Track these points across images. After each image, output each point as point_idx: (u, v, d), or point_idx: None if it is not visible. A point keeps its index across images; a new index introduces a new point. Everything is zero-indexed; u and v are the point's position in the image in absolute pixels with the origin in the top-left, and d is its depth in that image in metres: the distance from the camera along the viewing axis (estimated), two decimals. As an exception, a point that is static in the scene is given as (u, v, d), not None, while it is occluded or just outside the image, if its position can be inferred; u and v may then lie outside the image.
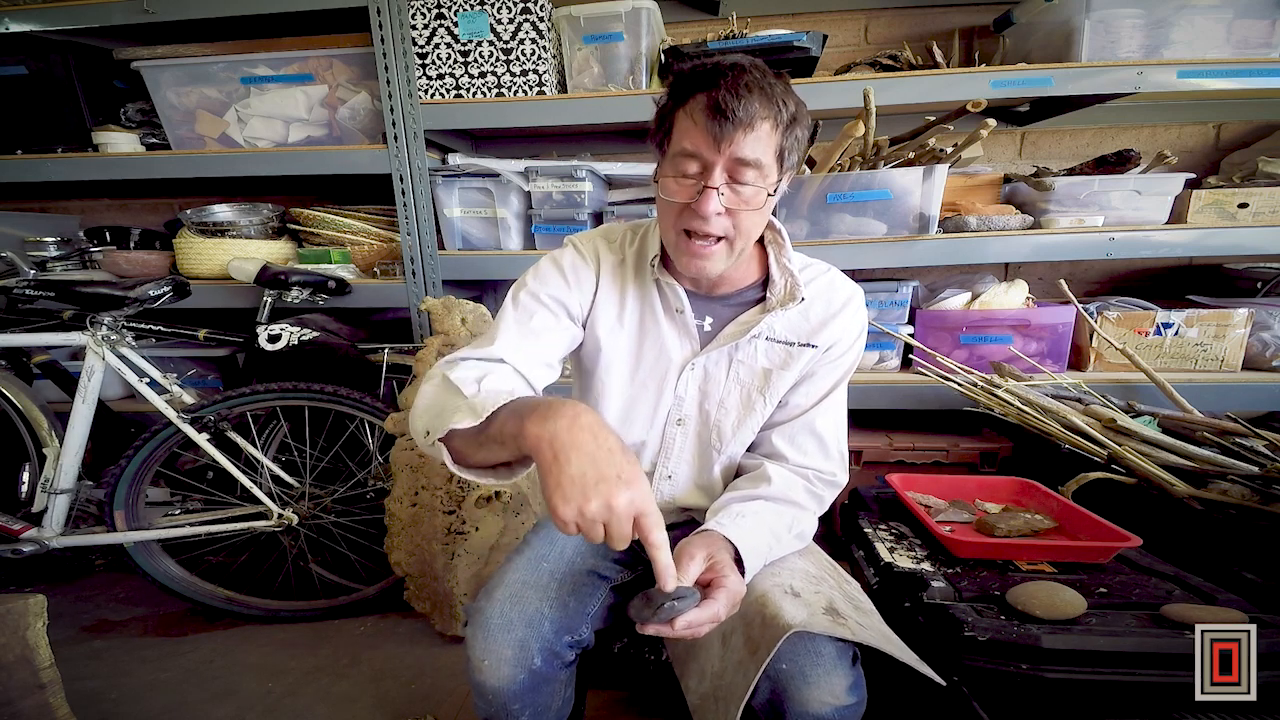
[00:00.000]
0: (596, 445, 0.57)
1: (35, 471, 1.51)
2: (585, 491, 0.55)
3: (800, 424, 0.89)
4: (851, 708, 0.69)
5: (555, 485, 0.55)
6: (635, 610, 0.64)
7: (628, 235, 0.93)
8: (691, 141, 0.72)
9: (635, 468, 0.58)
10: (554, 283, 0.87)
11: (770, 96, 0.71)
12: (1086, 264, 1.89)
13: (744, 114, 0.69)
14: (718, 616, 0.67)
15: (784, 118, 0.73)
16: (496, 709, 0.77)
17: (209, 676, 1.41)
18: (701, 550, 0.72)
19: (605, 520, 0.56)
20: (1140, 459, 1.12)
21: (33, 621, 1.01)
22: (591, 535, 0.56)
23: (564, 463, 0.55)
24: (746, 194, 0.74)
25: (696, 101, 0.72)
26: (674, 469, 0.93)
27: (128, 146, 1.72)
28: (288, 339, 1.53)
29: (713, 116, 0.70)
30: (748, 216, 0.76)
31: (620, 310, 0.90)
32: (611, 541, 0.57)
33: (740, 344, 0.87)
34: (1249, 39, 1.42)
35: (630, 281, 0.90)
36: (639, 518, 0.57)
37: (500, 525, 1.46)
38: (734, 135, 0.70)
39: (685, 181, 0.75)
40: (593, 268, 0.89)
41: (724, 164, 0.72)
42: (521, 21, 1.50)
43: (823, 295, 0.88)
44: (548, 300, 0.86)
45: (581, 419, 0.58)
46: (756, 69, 0.72)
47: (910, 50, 1.65)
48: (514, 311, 0.85)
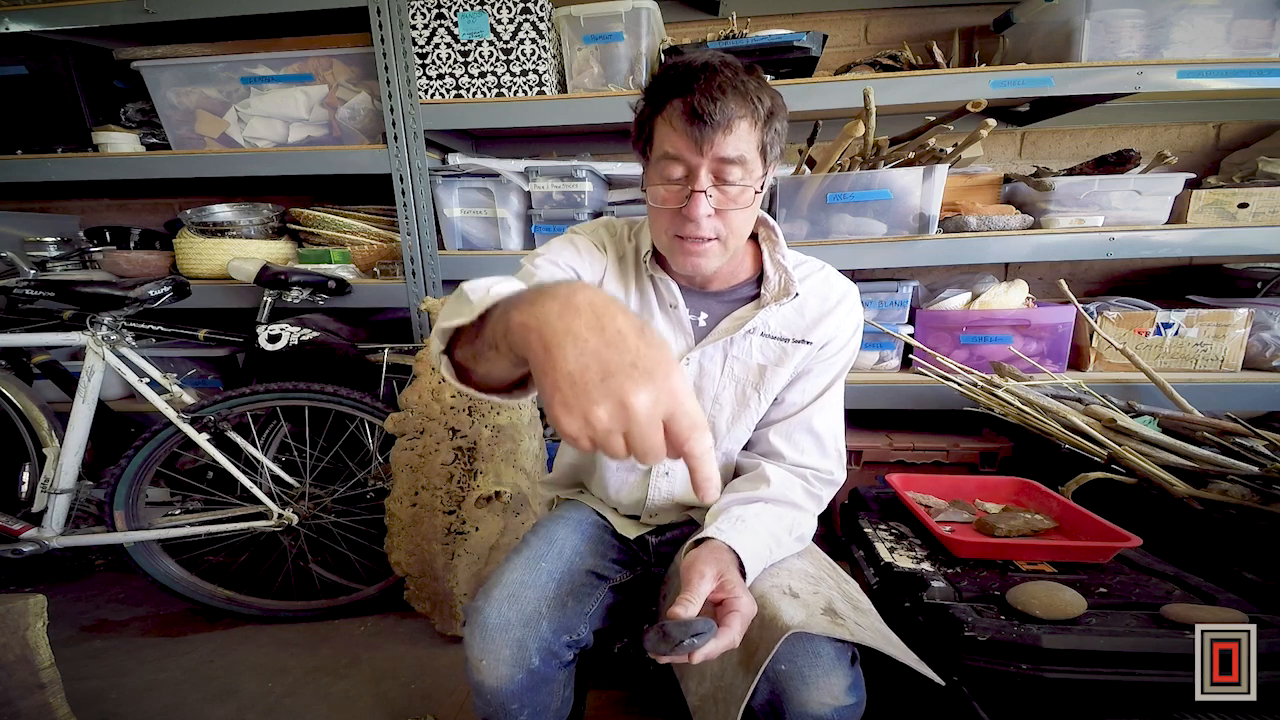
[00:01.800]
0: (601, 328, 0.42)
1: (35, 471, 1.51)
2: (589, 392, 0.41)
3: (797, 422, 0.89)
4: (851, 708, 0.69)
5: (553, 389, 0.42)
6: (652, 644, 0.62)
7: (626, 230, 0.94)
8: (674, 146, 0.73)
9: (658, 351, 0.43)
10: (569, 254, 0.87)
11: (745, 95, 0.71)
12: (1086, 264, 1.89)
13: (721, 116, 0.70)
14: (734, 643, 0.66)
15: (761, 113, 0.73)
16: (495, 708, 0.77)
17: (209, 676, 1.41)
18: (711, 568, 0.70)
19: (624, 428, 0.41)
20: (1140, 459, 1.12)
21: (33, 621, 1.01)
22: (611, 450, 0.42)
23: (558, 358, 0.42)
24: (733, 193, 0.75)
25: (673, 108, 0.72)
26: (671, 465, 0.93)
27: (128, 146, 1.72)
28: (288, 339, 1.53)
29: (691, 122, 0.70)
30: (737, 215, 0.77)
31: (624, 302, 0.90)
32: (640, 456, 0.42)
33: (735, 339, 0.87)
34: (1249, 39, 1.42)
35: (630, 276, 0.90)
36: (669, 421, 0.42)
37: (500, 525, 1.46)
38: (714, 138, 0.71)
39: (672, 187, 0.75)
40: (602, 256, 0.90)
41: (708, 165, 0.73)
42: (521, 21, 1.50)
43: (817, 292, 0.88)
44: (564, 266, 0.85)
45: (577, 296, 0.44)
46: (728, 68, 0.72)
47: (910, 50, 1.65)
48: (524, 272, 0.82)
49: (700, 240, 0.77)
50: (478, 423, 1.44)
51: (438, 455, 1.44)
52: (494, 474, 1.45)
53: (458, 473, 1.45)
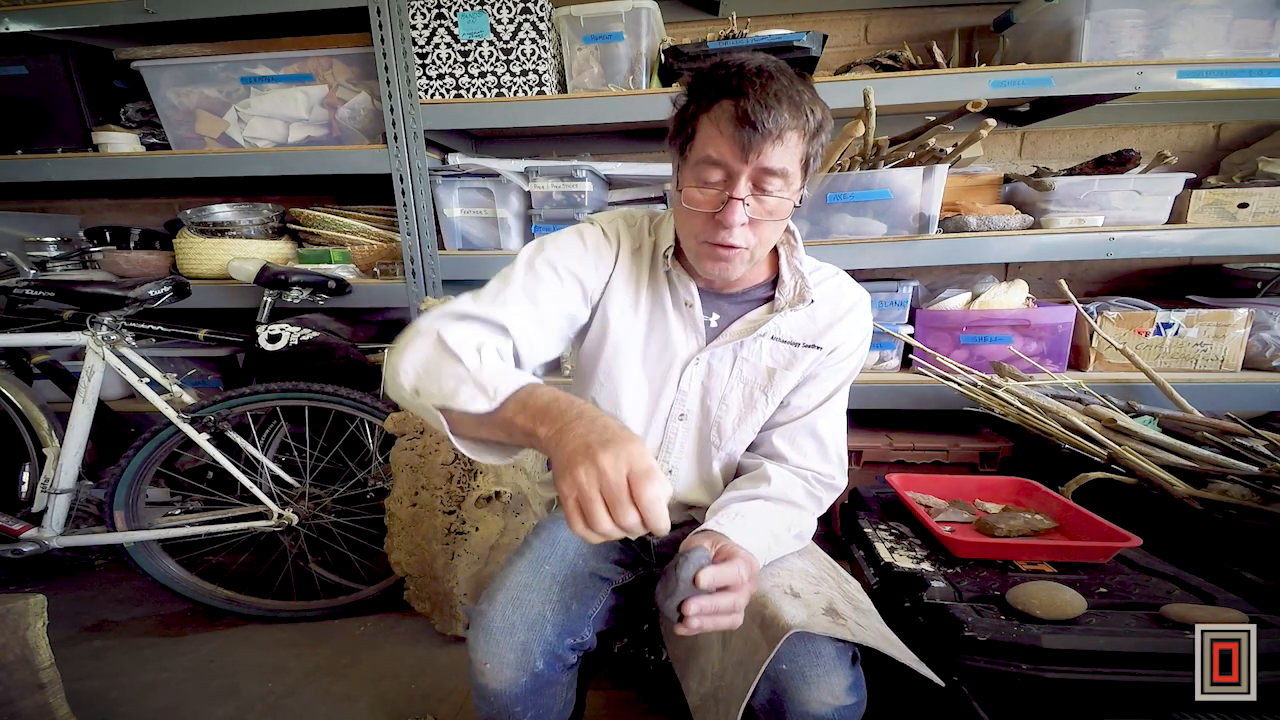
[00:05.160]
0: (592, 422, 0.58)
1: (35, 471, 1.51)
2: (575, 460, 0.54)
3: (801, 425, 0.89)
4: (851, 708, 0.69)
5: (557, 469, 0.56)
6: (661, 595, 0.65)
7: (646, 222, 0.92)
8: (717, 150, 0.71)
9: (628, 432, 0.57)
10: (574, 255, 0.84)
11: (799, 106, 0.70)
12: (1086, 264, 1.89)
13: (773, 125, 0.68)
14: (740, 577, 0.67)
15: (811, 126, 0.72)
16: (498, 711, 0.77)
17: (209, 676, 1.41)
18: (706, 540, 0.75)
19: (600, 484, 0.53)
20: (1140, 459, 1.12)
21: (33, 621, 1.01)
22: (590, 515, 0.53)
23: (563, 443, 0.57)
24: (771, 204, 0.74)
25: (722, 109, 0.70)
26: (675, 464, 0.93)
27: (128, 146, 1.72)
28: (288, 339, 1.53)
29: (741, 126, 0.68)
30: (770, 226, 0.76)
31: (636, 296, 0.89)
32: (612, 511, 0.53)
33: (745, 342, 0.87)
34: (1249, 39, 1.42)
35: (645, 269, 0.89)
36: (629, 475, 0.53)
37: (500, 525, 1.46)
38: (762, 146, 0.69)
39: (709, 190, 0.73)
40: (614, 248, 0.88)
41: (750, 174, 0.71)
42: (521, 21, 1.50)
43: (830, 298, 0.88)
44: (564, 273, 0.83)
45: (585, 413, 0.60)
46: (784, 74, 0.70)
47: (910, 50, 1.65)
48: (525, 276, 0.81)
49: (731, 248, 0.75)
50: (478, 423, 1.44)
51: (438, 455, 1.44)
52: (494, 474, 1.45)
53: (458, 473, 1.45)
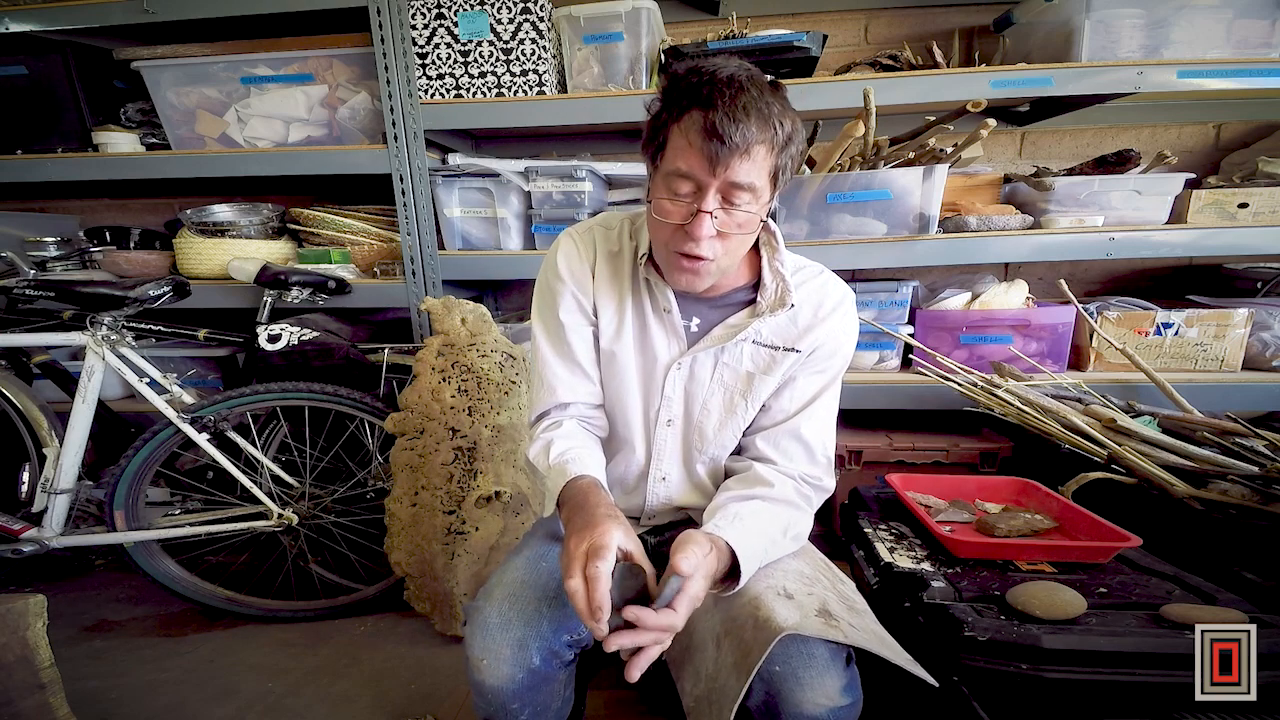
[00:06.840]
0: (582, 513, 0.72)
1: (35, 471, 1.51)
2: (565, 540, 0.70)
3: (785, 430, 0.88)
4: (846, 708, 0.69)
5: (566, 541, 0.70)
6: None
7: (625, 225, 0.92)
8: (686, 163, 0.72)
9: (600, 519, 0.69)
10: (561, 292, 0.88)
11: (767, 119, 0.70)
12: (1086, 264, 1.89)
13: (740, 140, 0.68)
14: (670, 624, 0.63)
15: (780, 139, 0.72)
16: (496, 708, 0.77)
17: (209, 676, 1.41)
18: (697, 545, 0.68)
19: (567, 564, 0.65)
20: (1140, 459, 1.12)
21: (33, 621, 1.01)
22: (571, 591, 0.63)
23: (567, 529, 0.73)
24: (740, 218, 0.74)
25: (692, 120, 0.70)
26: (667, 470, 0.93)
27: (128, 146, 1.72)
28: (288, 339, 1.53)
29: (709, 139, 0.69)
30: (739, 239, 0.77)
31: (620, 303, 0.89)
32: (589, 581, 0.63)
33: (727, 346, 0.87)
34: (1249, 39, 1.42)
35: (626, 273, 0.89)
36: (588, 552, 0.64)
37: (500, 525, 1.46)
38: (730, 161, 0.69)
39: (679, 202, 0.74)
40: (588, 260, 0.89)
41: (718, 187, 0.72)
42: (521, 21, 1.50)
43: (812, 299, 0.87)
44: (566, 318, 0.89)
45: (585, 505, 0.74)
46: (754, 85, 0.70)
47: (910, 50, 1.65)
48: (548, 344, 0.91)
49: (699, 259, 0.76)
50: (478, 423, 1.44)
51: (438, 455, 1.44)
52: (494, 474, 1.45)
53: (458, 473, 1.45)
